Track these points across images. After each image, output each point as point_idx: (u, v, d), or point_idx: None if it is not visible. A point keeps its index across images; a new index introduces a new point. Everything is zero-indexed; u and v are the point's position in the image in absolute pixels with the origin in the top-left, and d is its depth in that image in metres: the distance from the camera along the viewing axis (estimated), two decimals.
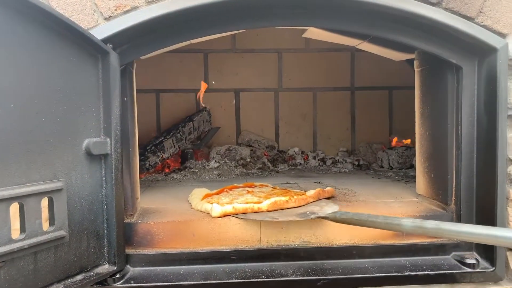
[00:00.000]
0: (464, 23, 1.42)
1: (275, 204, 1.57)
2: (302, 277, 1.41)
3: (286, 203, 1.59)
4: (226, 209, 1.50)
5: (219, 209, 1.50)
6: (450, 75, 1.53)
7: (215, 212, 1.50)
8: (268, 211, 1.54)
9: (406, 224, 1.20)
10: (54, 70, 1.19)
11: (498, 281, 1.48)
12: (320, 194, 1.74)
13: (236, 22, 1.45)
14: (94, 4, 1.33)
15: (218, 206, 1.51)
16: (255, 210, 1.53)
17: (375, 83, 2.99)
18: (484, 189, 1.49)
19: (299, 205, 1.62)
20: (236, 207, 1.51)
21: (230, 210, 1.50)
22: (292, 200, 1.61)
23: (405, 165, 2.65)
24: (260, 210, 1.53)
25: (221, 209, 1.50)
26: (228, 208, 1.50)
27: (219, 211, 1.49)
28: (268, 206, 1.55)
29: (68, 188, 1.23)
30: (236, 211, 1.51)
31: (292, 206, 1.60)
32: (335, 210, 1.54)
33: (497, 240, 1.05)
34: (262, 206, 1.55)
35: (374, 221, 1.29)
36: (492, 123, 1.44)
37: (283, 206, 1.58)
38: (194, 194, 1.78)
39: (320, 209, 1.57)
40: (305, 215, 1.50)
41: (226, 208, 1.50)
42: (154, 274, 1.42)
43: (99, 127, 1.32)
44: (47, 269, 1.18)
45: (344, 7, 1.42)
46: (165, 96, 2.89)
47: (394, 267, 1.47)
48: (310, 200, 1.68)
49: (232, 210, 1.51)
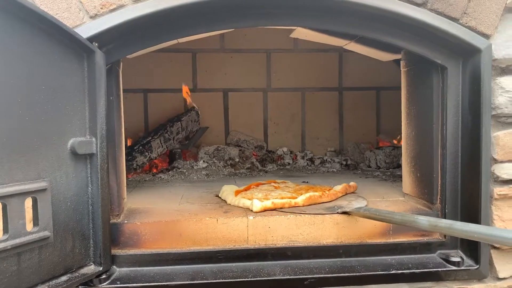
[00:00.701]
0: (448, 24, 1.44)
1: (310, 199, 1.64)
2: (289, 276, 1.41)
3: (320, 198, 1.67)
4: (266, 204, 1.56)
5: (259, 204, 1.55)
6: (436, 75, 1.55)
7: (256, 207, 1.55)
8: (303, 205, 1.62)
9: (421, 221, 1.27)
10: (38, 69, 1.17)
11: (482, 278, 1.50)
12: (347, 189, 1.84)
13: (223, 21, 1.44)
14: (79, 2, 1.32)
15: (258, 202, 1.56)
16: (292, 205, 1.60)
17: (363, 83, 3.01)
18: (469, 188, 1.51)
19: (331, 199, 1.71)
20: (275, 202, 1.58)
21: (269, 205, 1.57)
22: (325, 194, 1.70)
23: (392, 165, 2.67)
24: (296, 205, 1.61)
25: (261, 204, 1.55)
26: (267, 203, 1.57)
27: (260, 206, 1.55)
28: (303, 201, 1.62)
29: (53, 188, 1.21)
30: (275, 206, 1.58)
31: (325, 201, 1.69)
32: (363, 205, 1.62)
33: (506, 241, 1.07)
34: (298, 201, 1.62)
35: (392, 217, 1.38)
36: (476, 123, 1.46)
37: (317, 200, 1.66)
38: (226, 190, 1.82)
39: (348, 204, 1.65)
40: (332, 209, 1.58)
41: (266, 203, 1.56)
42: (141, 274, 1.41)
43: (85, 126, 1.31)
44: (31, 270, 1.17)
45: (330, 8, 1.43)
46: (153, 96, 2.87)
47: (381, 266, 1.48)
48: (339, 195, 1.77)
49: (272, 205, 1.57)
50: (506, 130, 1.48)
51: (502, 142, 1.47)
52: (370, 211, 1.48)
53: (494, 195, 1.49)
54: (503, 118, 1.48)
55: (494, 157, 1.48)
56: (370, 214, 1.46)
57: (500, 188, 1.48)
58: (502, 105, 1.46)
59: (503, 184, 1.49)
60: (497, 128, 1.48)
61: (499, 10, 1.45)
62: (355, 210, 1.53)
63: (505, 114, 1.47)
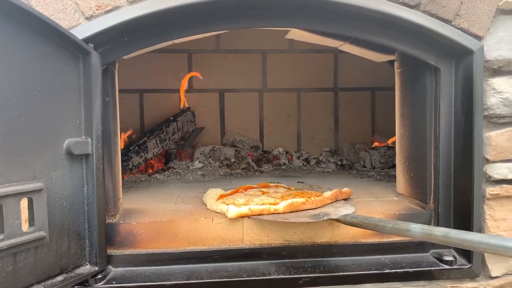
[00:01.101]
0: (441, 25, 1.46)
1: (291, 205, 1.55)
2: (284, 275, 1.42)
3: (303, 205, 1.57)
4: (242, 210, 1.49)
5: (234, 211, 1.49)
6: (429, 76, 1.57)
7: (231, 214, 1.48)
8: (284, 212, 1.52)
9: (414, 230, 1.19)
10: (34, 70, 1.18)
11: (475, 277, 1.52)
12: (337, 195, 1.73)
13: (218, 22, 1.45)
14: (75, 3, 1.32)
15: (234, 208, 1.50)
16: (271, 212, 1.51)
17: (358, 84, 3.02)
18: (461, 188, 1.53)
19: (316, 206, 1.61)
20: (252, 209, 1.50)
21: (246, 212, 1.49)
22: (309, 201, 1.60)
23: (387, 165, 2.69)
24: (276, 212, 1.52)
25: (236, 211, 1.48)
26: (244, 209, 1.49)
27: (235, 213, 1.48)
28: (284, 208, 1.53)
29: (48, 188, 1.22)
30: (252, 213, 1.49)
31: (309, 208, 1.59)
32: (350, 212, 1.54)
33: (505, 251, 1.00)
34: (278, 207, 1.52)
35: (384, 226, 1.30)
36: (469, 123, 1.48)
37: (299, 207, 1.56)
38: (209, 194, 1.76)
39: (335, 211, 1.56)
40: (317, 217, 1.49)
41: (242, 210, 1.49)
42: (136, 274, 1.41)
43: (80, 127, 1.32)
44: (27, 270, 1.17)
45: (325, 9, 1.44)
46: (149, 96, 2.87)
47: (375, 265, 1.49)
48: (327, 202, 1.67)
49: (248, 212, 1.49)
50: (498, 130, 1.50)
51: (494, 142, 1.49)
52: (358, 219, 1.40)
53: (486, 194, 1.50)
54: (495, 119, 1.49)
55: (486, 157, 1.50)
56: (358, 221, 1.39)
57: (492, 188, 1.50)
58: (494, 106, 1.48)
59: (495, 184, 1.51)
60: (489, 129, 1.50)
61: (491, 12, 1.47)
62: (342, 217, 1.45)
63: (497, 115, 1.49)
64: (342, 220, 1.44)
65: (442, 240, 1.14)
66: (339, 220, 1.45)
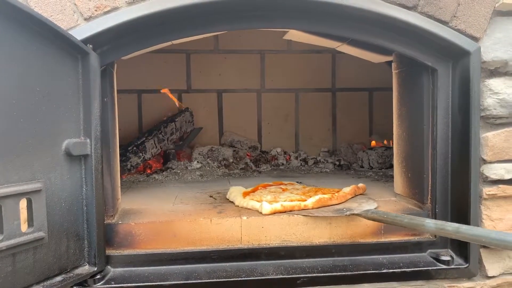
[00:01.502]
0: (438, 27, 1.47)
1: (319, 201, 1.61)
2: (282, 275, 1.43)
3: (329, 200, 1.64)
4: (276, 206, 1.54)
5: (268, 207, 1.54)
6: (426, 77, 1.57)
7: (266, 210, 1.54)
8: (313, 208, 1.59)
9: (429, 225, 1.27)
10: (32, 71, 1.18)
11: (472, 277, 1.53)
12: (356, 190, 1.80)
13: (216, 23, 1.46)
14: (73, 4, 1.32)
15: (267, 204, 1.55)
16: (301, 208, 1.58)
17: (356, 84, 3.03)
18: (459, 188, 1.54)
19: (340, 201, 1.68)
20: (285, 205, 1.56)
21: (279, 208, 1.54)
22: (335, 197, 1.67)
23: (384, 165, 2.70)
24: (306, 208, 1.58)
25: (270, 207, 1.54)
26: (277, 206, 1.55)
27: (269, 209, 1.53)
28: (313, 204, 1.60)
29: (47, 189, 1.22)
30: (285, 209, 1.55)
31: (335, 203, 1.66)
32: (372, 207, 1.60)
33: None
34: (308, 203, 1.59)
35: (401, 220, 1.37)
36: (466, 124, 1.49)
37: (327, 203, 1.63)
38: (234, 192, 1.80)
39: (358, 206, 1.63)
40: (341, 212, 1.55)
41: (275, 206, 1.54)
42: (135, 274, 1.42)
43: (79, 127, 1.32)
44: (26, 270, 1.18)
45: (323, 11, 1.45)
46: (147, 97, 2.88)
47: (372, 265, 1.50)
48: (348, 197, 1.74)
49: (281, 208, 1.55)
50: (495, 131, 1.51)
51: (491, 143, 1.50)
52: (379, 214, 1.47)
53: (483, 195, 1.51)
54: (492, 119, 1.50)
55: (483, 158, 1.51)
56: (379, 217, 1.46)
57: (489, 188, 1.51)
58: (491, 107, 1.49)
59: (492, 184, 1.52)
60: (486, 129, 1.51)
61: (488, 13, 1.48)
62: (364, 212, 1.51)
63: (493, 116, 1.50)
64: (363, 215, 1.50)
65: (454, 235, 1.21)
66: (360, 215, 1.51)
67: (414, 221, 1.33)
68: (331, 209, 1.60)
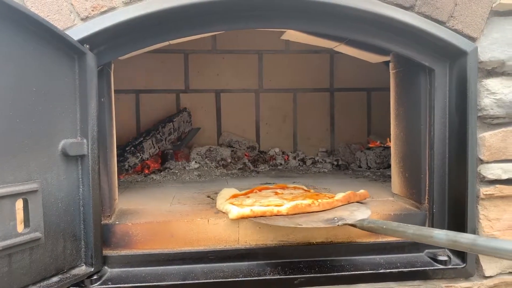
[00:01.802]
0: (435, 27, 1.47)
1: (296, 207, 1.49)
2: (279, 276, 1.43)
3: (308, 207, 1.51)
4: (244, 211, 1.46)
5: (236, 212, 1.47)
6: (423, 77, 1.57)
7: (232, 215, 1.47)
8: (288, 214, 1.48)
9: (439, 237, 1.11)
10: (29, 71, 1.18)
11: (469, 277, 1.53)
12: (350, 197, 1.65)
13: (214, 23, 1.46)
14: (70, 4, 1.32)
15: (235, 209, 1.48)
16: (274, 213, 1.47)
17: (354, 84, 3.03)
18: (456, 188, 1.54)
19: (324, 209, 1.54)
20: (254, 210, 1.47)
21: (247, 213, 1.46)
22: (316, 203, 1.53)
23: (382, 165, 2.70)
24: (279, 214, 1.47)
25: (237, 212, 1.47)
26: (245, 210, 1.46)
27: (236, 214, 1.46)
28: (288, 210, 1.48)
29: (44, 189, 1.22)
30: (254, 214, 1.46)
31: (316, 210, 1.52)
32: (366, 216, 1.47)
33: None
34: (281, 209, 1.48)
35: (404, 231, 1.22)
36: (463, 124, 1.49)
37: (305, 210, 1.50)
38: (222, 194, 1.74)
39: (350, 214, 1.49)
40: (332, 222, 1.42)
41: (244, 211, 1.46)
42: (132, 275, 1.42)
43: (76, 128, 1.32)
44: (22, 271, 1.17)
45: (320, 11, 1.45)
46: (145, 97, 2.87)
47: (370, 265, 1.50)
48: (337, 204, 1.59)
49: (250, 213, 1.46)
50: (492, 131, 1.51)
51: (488, 143, 1.50)
52: (377, 224, 1.33)
53: (480, 195, 1.51)
54: (489, 120, 1.51)
55: (480, 158, 1.51)
56: (376, 226, 1.32)
57: (486, 188, 1.51)
58: (488, 107, 1.49)
59: (489, 184, 1.52)
60: (483, 129, 1.51)
61: (485, 13, 1.48)
62: (359, 222, 1.38)
63: (490, 116, 1.50)
64: (358, 225, 1.38)
65: (469, 248, 1.05)
66: (355, 225, 1.39)
67: (421, 232, 1.17)
68: (321, 218, 1.47)
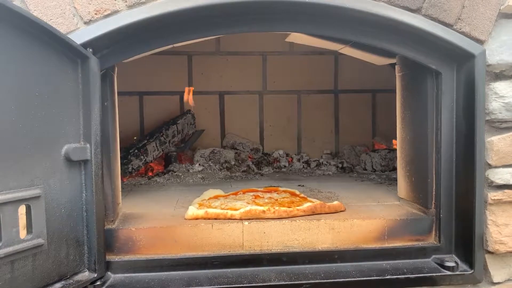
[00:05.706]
0: (443, 29, 1.45)
1: (249, 213, 1.53)
2: (284, 281, 1.41)
3: (262, 213, 1.53)
4: (198, 212, 1.55)
5: (190, 212, 1.56)
6: (430, 80, 1.55)
7: (187, 215, 1.56)
8: (241, 219, 1.52)
9: None
10: (32, 75, 1.17)
11: (477, 283, 1.51)
12: (316, 209, 1.59)
13: (217, 27, 1.44)
14: (73, 8, 1.31)
15: (192, 209, 1.56)
16: (227, 217, 1.53)
17: (359, 86, 3.01)
18: (463, 193, 1.52)
19: (280, 217, 1.54)
20: (208, 212, 1.55)
21: (201, 214, 1.55)
22: (271, 210, 1.54)
23: (388, 168, 2.67)
24: (233, 217, 1.53)
25: (192, 212, 1.56)
26: (200, 212, 1.55)
27: (190, 214, 1.55)
28: (241, 215, 1.53)
29: (47, 195, 1.21)
30: (208, 216, 1.54)
31: (270, 217, 1.53)
32: None
33: None
34: (235, 213, 1.54)
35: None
36: (471, 128, 1.47)
37: (258, 216, 1.53)
38: (204, 194, 1.82)
39: None
40: None
41: (198, 212, 1.55)
42: (136, 280, 1.40)
43: (79, 132, 1.31)
44: (25, 278, 1.16)
45: (326, 14, 1.43)
46: (148, 99, 2.86)
47: (376, 271, 1.48)
48: (297, 214, 1.56)
49: (204, 215, 1.54)
50: (500, 135, 1.49)
51: (496, 147, 1.48)
52: None
53: (488, 200, 1.49)
54: (497, 123, 1.48)
55: (488, 162, 1.49)
56: None
57: (494, 193, 1.49)
58: (496, 110, 1.47)
59: (497, 189, 1.49)
60: (491, 133, 1.49)
61: (493, 16, 1.45)
62: None
63: (499, 119, 1.47)
64: None
65: None
66: None
67: None
68: None
